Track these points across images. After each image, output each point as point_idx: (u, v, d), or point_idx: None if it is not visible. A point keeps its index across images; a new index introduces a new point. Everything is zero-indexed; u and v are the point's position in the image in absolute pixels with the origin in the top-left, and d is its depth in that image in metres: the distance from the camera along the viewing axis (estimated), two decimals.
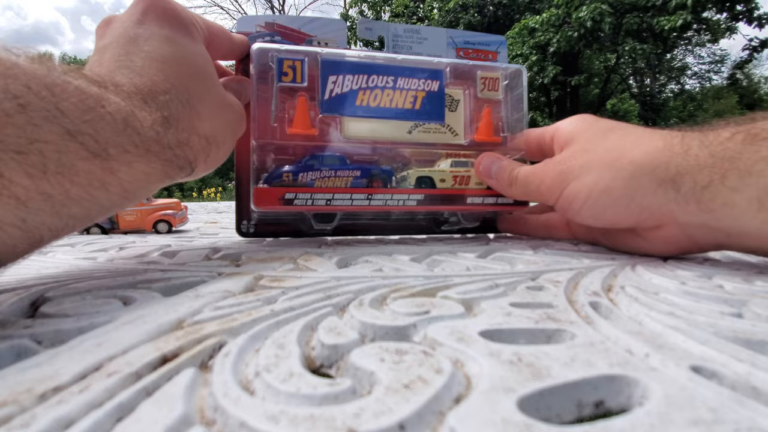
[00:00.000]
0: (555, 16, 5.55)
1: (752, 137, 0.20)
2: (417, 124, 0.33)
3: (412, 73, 0.32)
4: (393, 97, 0.32)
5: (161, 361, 0.11)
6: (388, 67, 0.32)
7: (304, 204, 0.30)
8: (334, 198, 0.30)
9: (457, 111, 0.34)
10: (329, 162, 0.31)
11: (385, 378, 0.10)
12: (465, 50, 0.38)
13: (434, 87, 0.32)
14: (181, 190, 7.55)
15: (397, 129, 0.32)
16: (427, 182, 0.33)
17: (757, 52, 5.81)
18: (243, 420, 0.08)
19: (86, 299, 0.17)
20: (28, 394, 0.09)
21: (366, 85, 0.31)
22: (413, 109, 0.32)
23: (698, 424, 0.08)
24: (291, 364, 0.11)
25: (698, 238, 0.24)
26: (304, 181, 0.30)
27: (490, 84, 0.34)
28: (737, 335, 0.13)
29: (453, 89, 0.34)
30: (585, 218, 0.27)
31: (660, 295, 0.17)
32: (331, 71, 0.31)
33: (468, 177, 0.34)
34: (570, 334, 0.13)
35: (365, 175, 0.31)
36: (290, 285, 0.19)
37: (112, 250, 0.31)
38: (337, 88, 0.31)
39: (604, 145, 0.26)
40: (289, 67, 0.31)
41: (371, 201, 0.31)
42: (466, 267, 0.23)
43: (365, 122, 0.32)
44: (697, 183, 0.22)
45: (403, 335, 0.13)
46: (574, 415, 0.10)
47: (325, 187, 0.30)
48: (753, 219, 0.20)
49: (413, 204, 0.32)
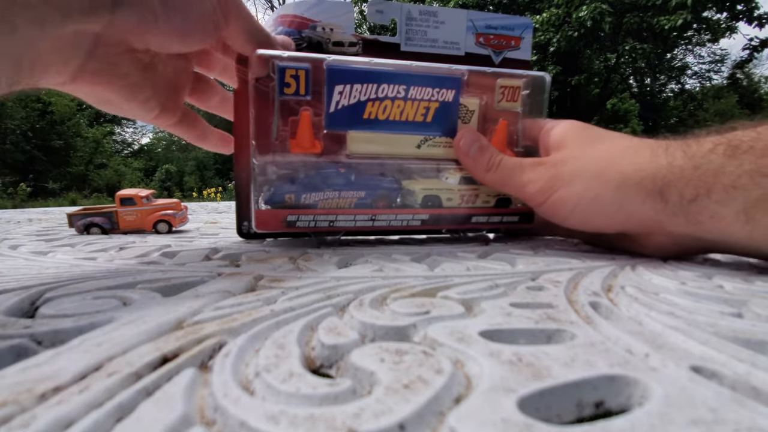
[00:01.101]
0: (555, 16, 5.54)
1: (733, 149, 0.21)
2: (427, 138, 0.30)
3: (426, 82, 0.29)
4: (404, 108, 0.29)
5: (161, 361, 0.11)
6: (401, 75, 0.29)
7: (307, 225, 0.29)
8: (337, 219, 0.29)
9: (471, 123, 0.31)
10: (333, 181, 0.29)
11: (385, 378, 0.10)
12: (486, 36, 0.34)
13: (449, 97, 0.30)
14: (181, 191, 7.56)
15: (405, 144, 0.30)
16: (436, 200, 0.31)
17: (758, 52, 5.80)
18: (243, 420, 0.08)
19: (86, 299, 0.17)
20: (28, 394, 0.09)
21: (375, 96, 0.29)
22: (424, 122, 0.30)
23: (698, 424, 0.08)
24: (291, 364, 0.11)
25: (687, 246, 0.25)
26: (307, 202, 0.29)
27: (509, 94, 0.31)
28: (737, 335, 0.13)
29: (468, 99, 0.30)
30: (572, 224, 0.27)
31: (660, 295, 0.17)
32: (338, 80, 0.28)
33: (475, 196, 0.32)
34: (570, 335, 0.13)
35: (370, 195, 0.30)
36: (290, 285, 0.19)
37: (112, 250, 0.31)
38: (344, 99, 0.28)
39: (594, 154, 0.26)
40: (291, 77, 0.28)
41: (375, 222, 0.30)
42: (466, 267, 0.23)
43: (372, 137, 0.29)
44: (683, 197, 0.22)
45: (403, 335, 0.13)
46: (574, 415, 0.10)
47: (328, 209, 0.29)
48: (740, 231, 0.21)
49: (417, 224, 0.31)
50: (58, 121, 8.03)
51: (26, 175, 7.45)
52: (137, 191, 0.43)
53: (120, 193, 0.43)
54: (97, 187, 8.02)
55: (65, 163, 8.17)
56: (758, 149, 0.20)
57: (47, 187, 7.31)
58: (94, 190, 7.58)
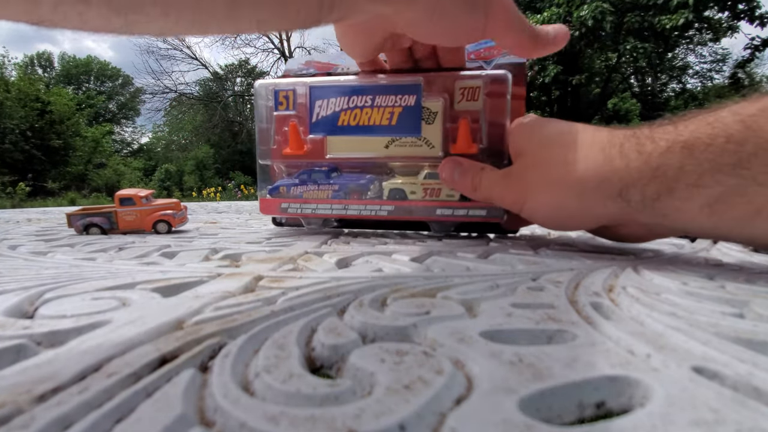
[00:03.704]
0: (556, 15, 5.53)
1: (690, 148, 0.20)
2: (394, 139, 0.34)
3: (389, 90, 0.34)
4: (371, 114, 0.34)
5: (161, 362, 0.11)
6: (368, 87, 0.34)
7: (296, 212, 0.37)
8: (318, 207, 0.37)
9: (434, 123, 0.34)
10: (315, 177, 0.36)
11: (386, 378, 0.10)
12: (476, 51, 0.36)
13: (411, 101, 0.34)
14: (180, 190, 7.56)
15: (375, 145, 0.35)
16: (401, 194, 0.35)
17: (759, 51, 5.79)
18: (243, 421, 0.08)
19: (85, 300, 0.17)
20: (28, 395, 0.09)
21: (348, 106, 0.35)
22: (390, 125, 0.34)
23: (700, 425, 0.08)
24: (291, 364, 0.11)
25: (661, 232, 0.26)
26: (295, 193, 0.37)
27: (469, 94, 0.34)
28: (739, 336, 0.13)
29: (431, 101, 0.33)
30: (550, 227, 0.29)
31: (661, 295, 0.17)
32: (318, 96, 0.35)
33: (438, 189, 0.34)
34: (571, 335, 0.13)
35: (343, 188, 0.36)
36: (290, 285, 0.19)
37: (111, 251, 0.31)
38: (323, 110, 0.35)
39: (550, 160, 0.26)
40: (283, 97, 0.36)
41: (347, 210, 0.36)
42: (466, 267, 0.23)
43: (347, 140, 0.35)
44: (646, 196, 0.22)
45: (403, 336, 0.13)
46: (575, 415, 0.10)
47: (311, 198, 0.37)
48: (706, 222, 0.21)
49: (384, 214, 0.35)
50: (57, 120, 8.02)
51: (25, 174, 7.44)
52: (136, 191, 0.43)
53: (119, 193, 0.43)
54: (96, 186, 8.02)
55: (64, 162, 8.17)
56: (716, 147, 0.20)
57: (46, 186, 7.31)
58: (93, 190, 7.58)
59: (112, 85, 13.40)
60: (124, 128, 12.96)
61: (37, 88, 8.06)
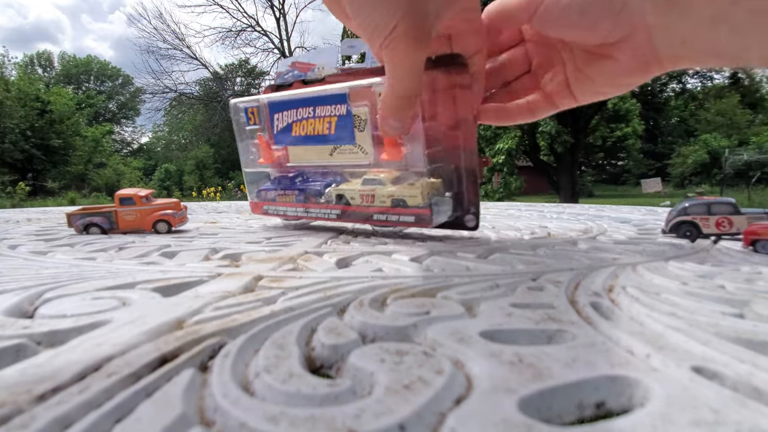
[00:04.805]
0: None
1: None
2: (335, 147, 0.36)
3: (323, 101, 0.36)
4: (314, 125, 0.37)
5: (161, 362, 0.11)
6: (309, 99, 0.37)
7: (274, 213, 0.42)
8: (287, 210, 0.41)
9: (365, 130, 0.34)
10: (283, 183, 0.41)
11: (386, 379, 0.10)
12: None
13: (342, 110, 0.35)
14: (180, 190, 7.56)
15: (321, 153, 0.37)
16: (345, 199, 0.37)
17: None
18: (243, 421, 0.08)
19: (85, 299, 0.17)
20: (28, 395, 0.09)
21: (296, 118, 0.37)
22: (329, 135, 0.37)
23: (700, 424, 0.08)
24: (291, 364, 0.11)
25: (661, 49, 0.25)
26: (270, 197, 0.41)
27: None
28: (739, 336, 0.13)
29: (360, 109, 0.34)
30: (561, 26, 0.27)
31: (661, 295, 0.17)
32: (275, 110, 0.38)
33: (372, 195, 0.35)
34: (571, 335, 0.13)
35: (302, 193, 0.39)
36: (290, 285, 0.19)
37: (111, 250, 0.31)
38: (280, 123, 0.39)
39: None
40: (251, 113, 0.40)
41: (308, 213, 0.39)
42: (466, 267, 0.23)
43: (300, 149, 0.39)
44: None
45: (403, 336, 0.13)
46: (575, 415, 0.10)
47: (282, 202, 0.41)
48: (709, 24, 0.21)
49: (334, 217, 0.38)
50: (57, 120, 8.02)
51: (25, 174, 7.44)
52: (136, 191, 0.43)
53: (119, 193, 0.43)
54: (96, 186, 8.01)
55: (64, 162, 8.16)
56: None
57: (46, 186, 7.31)
58: (93, 190, 7.57)
59: (112, 84, 13.40)
60: (124, 128, 12.96)
61: (37, 88, 8.06)
